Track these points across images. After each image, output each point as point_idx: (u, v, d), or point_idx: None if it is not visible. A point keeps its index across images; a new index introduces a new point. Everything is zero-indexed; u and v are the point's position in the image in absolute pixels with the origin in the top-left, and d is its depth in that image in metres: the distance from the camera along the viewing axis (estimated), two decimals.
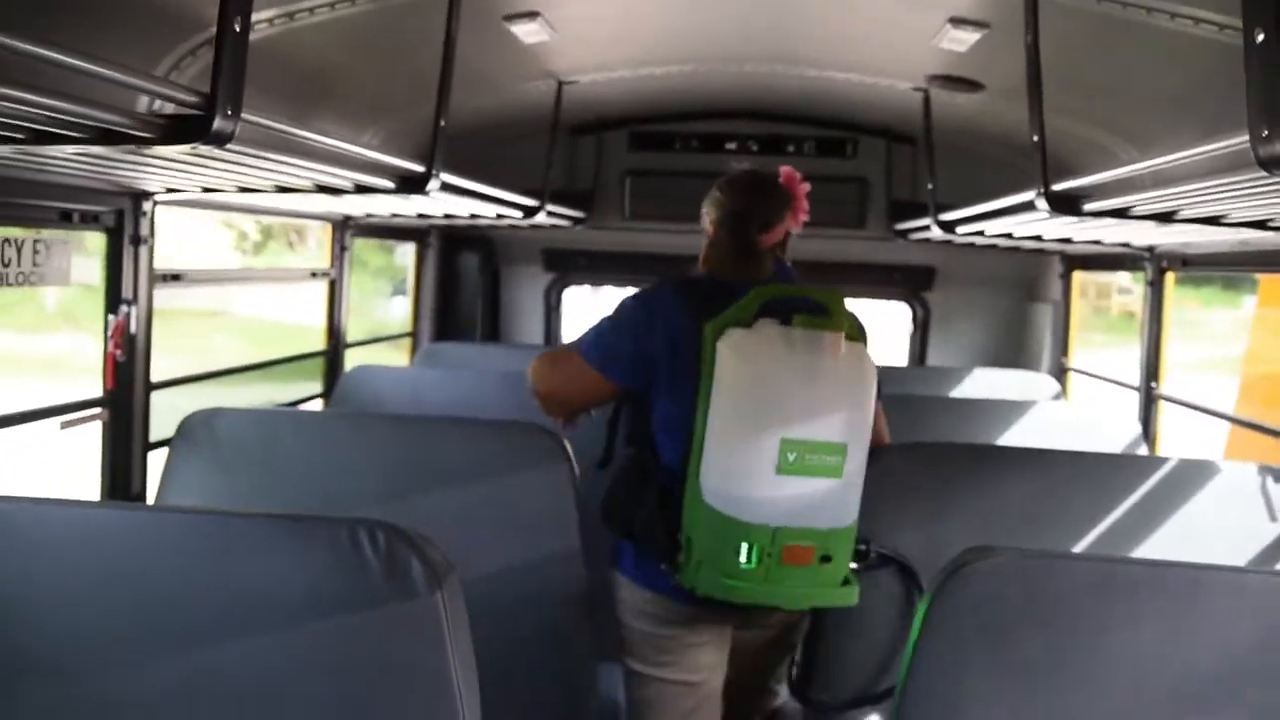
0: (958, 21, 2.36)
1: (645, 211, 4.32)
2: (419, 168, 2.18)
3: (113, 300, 2.23)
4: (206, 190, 2.22)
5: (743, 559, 1.90)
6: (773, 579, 1.91)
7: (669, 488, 2.00)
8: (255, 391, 3.20)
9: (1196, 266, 3.05)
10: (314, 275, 3.29)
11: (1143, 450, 2.97)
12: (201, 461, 2.25)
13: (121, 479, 2.30)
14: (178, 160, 1.72)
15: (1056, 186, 2.06)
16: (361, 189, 2.17)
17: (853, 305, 2.06)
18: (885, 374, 3.73)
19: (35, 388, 2.49)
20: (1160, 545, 2.11)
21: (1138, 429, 3.00)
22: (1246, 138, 1.24)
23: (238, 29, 1.29)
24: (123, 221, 2.22)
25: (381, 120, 3.04)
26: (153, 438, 2.41)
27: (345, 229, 3.41)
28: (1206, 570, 1.36)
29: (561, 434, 2.23)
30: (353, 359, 3.64)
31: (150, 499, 2.36)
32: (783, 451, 1.88)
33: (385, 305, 4.91)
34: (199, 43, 2.14)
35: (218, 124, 1.29)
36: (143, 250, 2.28)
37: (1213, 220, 1.89)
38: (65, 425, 2.11)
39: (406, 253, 4.35)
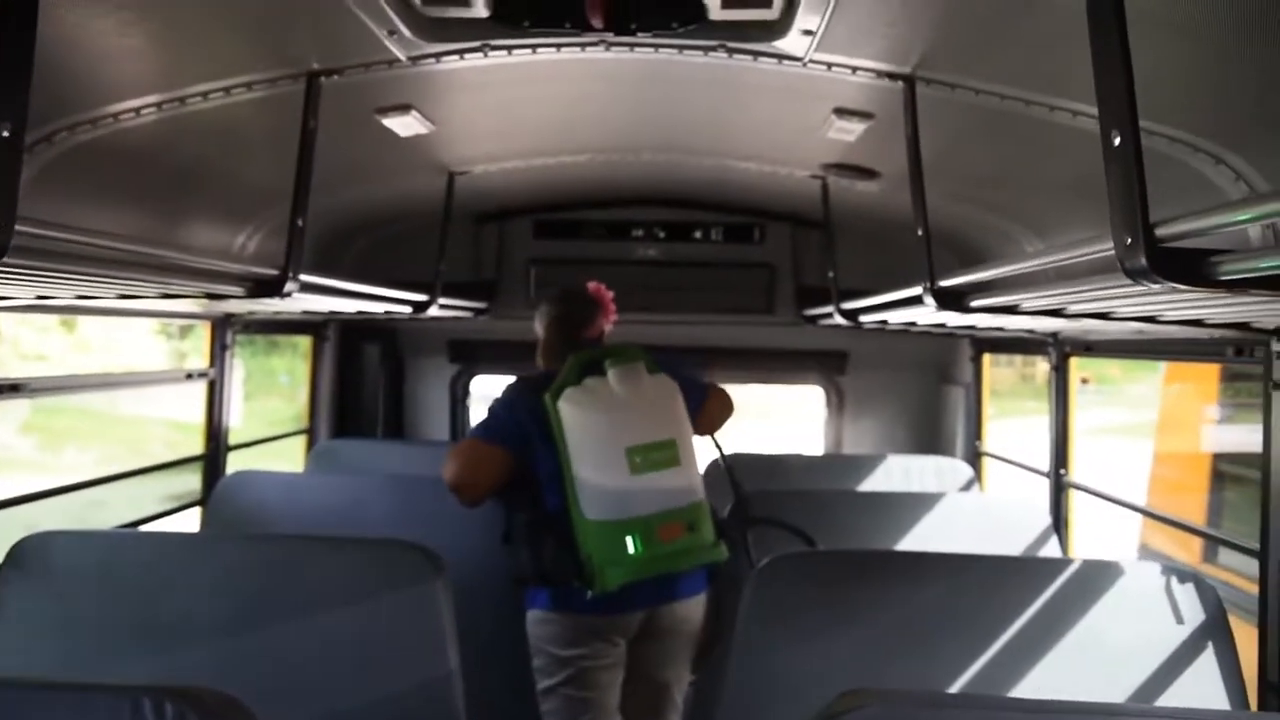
0: (842, 112, 2.32)
1: None
2: (274, 272, 2.03)
3: None
4: (42, 298, 2.05)
5: (630, 549, 2.44)
6: (659, 556, 2.46)
7: (560, 527, 2.51)
8: (126, 505, 2.98)
9: (1099, 353, 3.02)
10: (190, 376, 3.10)
11: (1053, 541, 2.89)
12: (35, 590, 2.04)
13: None
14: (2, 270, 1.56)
15: (944, 281, 2.00)
16: (211, 296, 2.02)
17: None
18: (796, 465, 3.70)
19: None
20: (1066, 652, 2.01)
21: (1048, 519, 2.93)
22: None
23: (5, 134, 1.15)
24: None
25: (262, 214, 2.90)
26: None
27: (227, 326, 3.23)
28: (1113, 714, 1.24)
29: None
30: (243, 459, 3.43)
31: None
32: (630, 458, 2.46)
33: (286, 400, 4.70)
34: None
35: None
36: None
37: (1101, 315, 1.83)
38: None
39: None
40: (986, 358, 3.91)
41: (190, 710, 1.15)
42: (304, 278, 2.11)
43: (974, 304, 1.95)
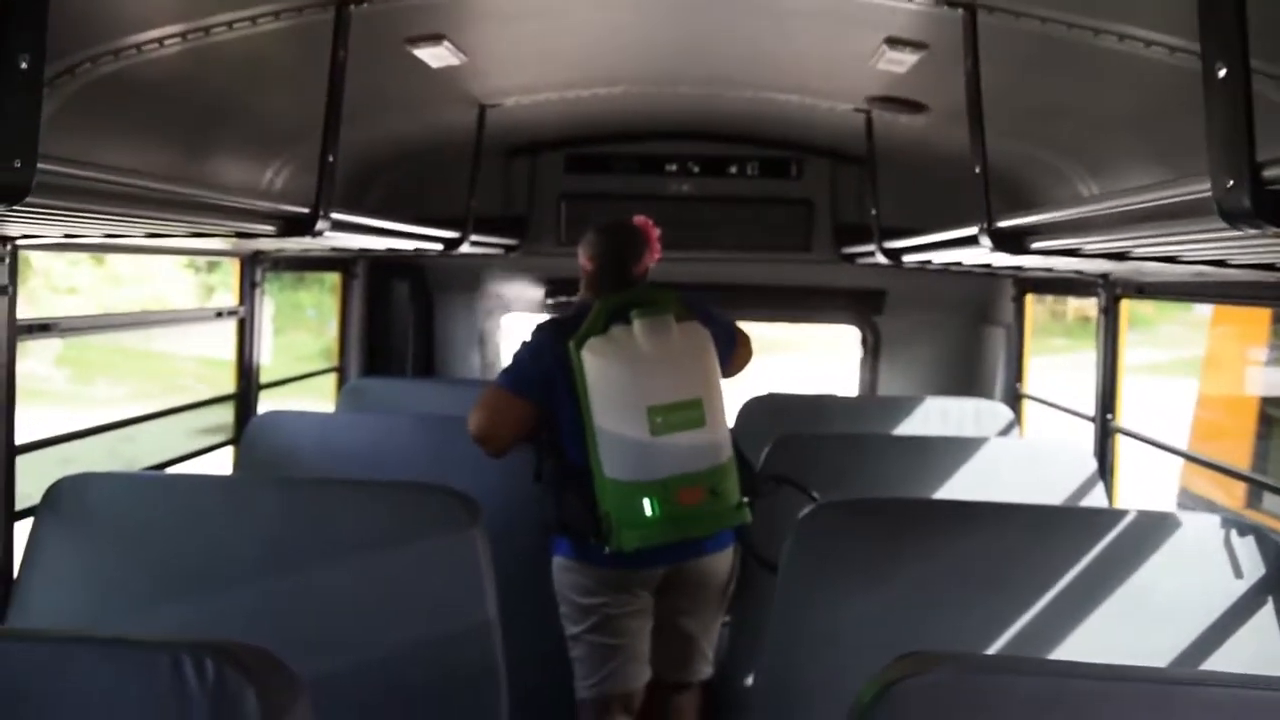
0: (894, 42, 2.20)
1: (582, 236, 4.12)
2: (304, 210, 1.97)
3: None
4: (70, 236, 2.00)
5: (647, 512, 2.36)
6: (677, 520, 2.38)
7: (581, 481, 2.44)
8: (159, 440, 2.97)
9: (1152, 295, 2.91)
10: (220, 315, 3.06)
11: (1099, 488, 2.83)
12: (69, 532, 2.03)
13: None
14: (28, 210, 1.51)
15: (1002, 222, 1.90)
16: (242, 235, 1.96)
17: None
18: (833, 406, 3.62)
19: None
20: (1119, 608, 1.95)
21: (1093, 464, 2.86)
22: (1206, 185, 1.08)
23: (25, 66, 1.08)
24: None
25: (291, 149, 2.83)
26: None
27: (256, 264, 3.18)
28: (1180, 682, 1.18)
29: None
30: (273, 398, 3.41)
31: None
32: (650, 418, 2.36)
33: (314, 335, 4.68)
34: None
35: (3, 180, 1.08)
36: (1, 301, 2.05)
37: (1168, 259, 1.74)
38: None
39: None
40: (1029, 298, 3.80)
41: (229, 667, 1.12)
42: (335, 215, 2.05)
43: (1034, 246, 1.86)
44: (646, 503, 2.36)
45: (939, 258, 2.75)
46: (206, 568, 2.00)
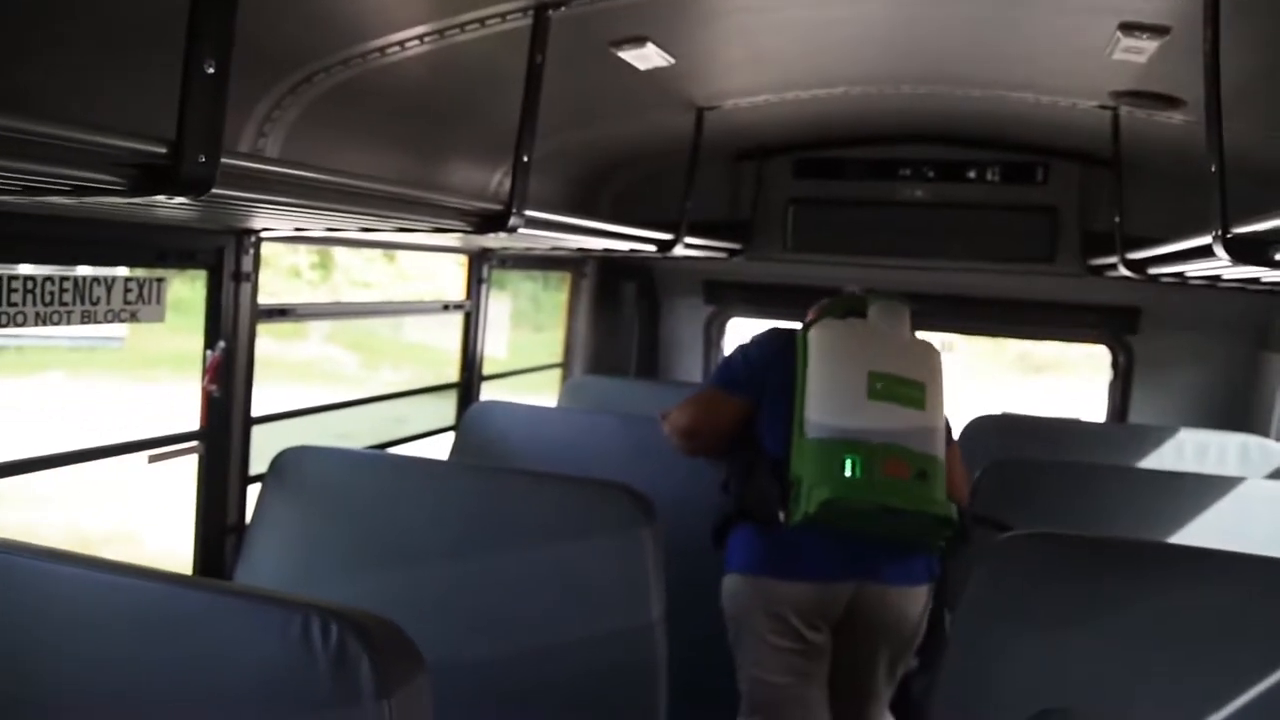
0: (1130, 28, 1.98)
1: (810, 243, 4.03)
2: (499, 207, 2.05)
3: (210, 337, 2.25)
4: (299, 230, 2.21)
5: (848, 472, 2.23)
6: (877, 487, 2.22)
7: (775, 465, 2.36)
8: (393, 420, 3.21)
9: None
10: (446, 308, 3.26)
11: None
12: (290, 500, 2.23)
13: (217, 511, 2.32)
14: (268, 202, 1.68)
15: (1240, 228, 1.65)
16: (440, 230, 2.08)
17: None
18: (1070, 431, 3.32)
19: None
20: None
21: None
22: None
23: (210, 71, 1.20)
24: (222, 259, 2.24)
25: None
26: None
27: (484, 261, 3.37)
28: None
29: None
30: (496, 389, 3.60)
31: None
32: (871, 381, 2.30)
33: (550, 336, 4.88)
34: (297, 81, 2.14)
35: (186, 172, 1.20)
36: (245, 287, 2.29)
37: None
38: (153, 460, 2.13)
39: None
40: None
41: (352, 634, 1.18)
42: (529, 213, 2.12)
43: (1279, 257, 1.60)
44: (848, 461, 2.24)
45: (1190, 270, 2.43)
46: (400, 542, 2.13)
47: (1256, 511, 2.50)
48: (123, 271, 2.05)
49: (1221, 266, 1.89)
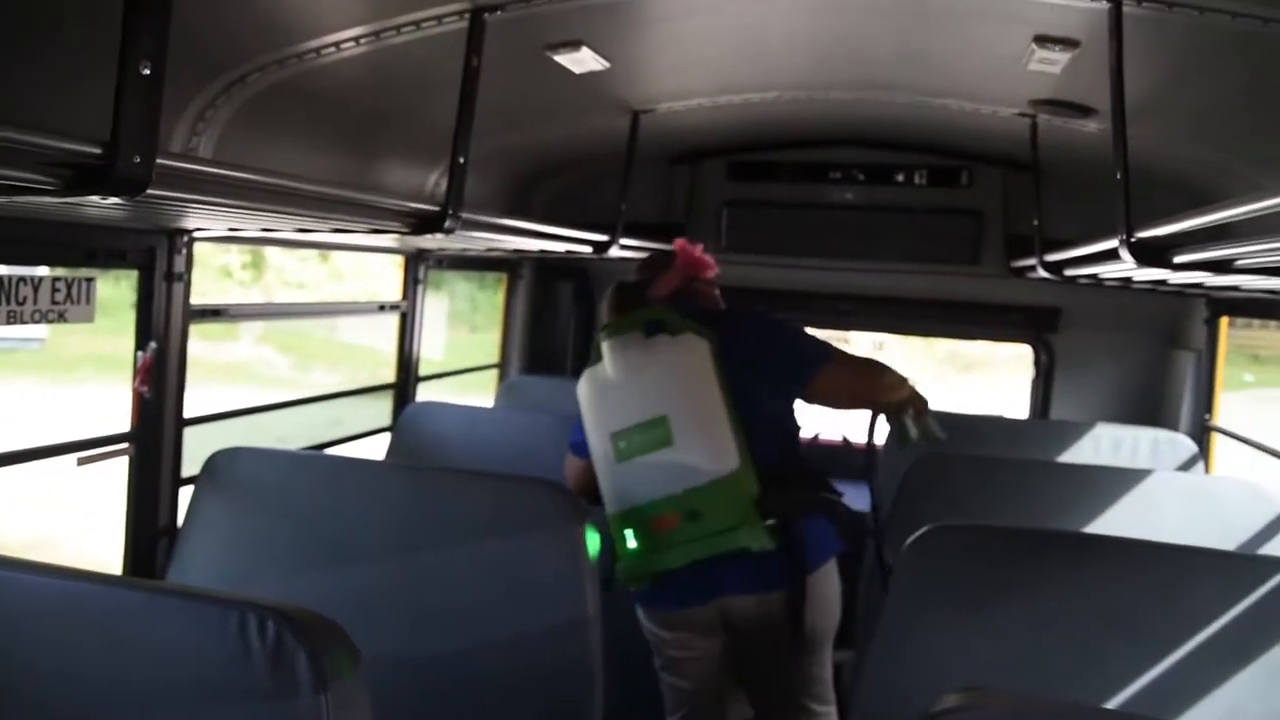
0: (1044, 40, 2.07)
1: (744, 244, 4.11)
2: (435, 208, 2.07)
3: (141, 337, 2.22)
4: (233, 230, 2.19)
5: (630, 544, 2.24)
6: (657, 548, 2.22)
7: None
8: (328, 421, 3.20)
9: None
10: (382, 308, 3.26)
11: None
12: (224, 500, 2.22)
13: (148, 513, 2.30)
14: (200, 202, 1.68)
15: (1143, 233, 1.75)
16: (376, 231, 2.09)
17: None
18: (994, 428, 3.43)
19: None
20: (1264, 670, 1.73)
21: (1277, 508, 2.56)
22: None
23: (145, 73, 1.20)
24: (154, 259, 2.21)
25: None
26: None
27: (421, 261, 3.37)
28: None
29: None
30: (433, 390, 3.60)
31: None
32: (614, 444, 2.25)
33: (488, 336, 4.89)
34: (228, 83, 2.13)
35: (120, 172, 1.20)
36: (177, 287, 2.27)
37: None
38: (82, 462, 2.10)
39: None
40: (1223, 321, 3.46)
41: (288, 630, 1.19)
42: (466, 215, 2.14)
43: (1177, 260, 1.69)
44: (629, 534, 2.24)
45: (1102, 272, 2.55)
46: (335, 541, 2.13)
47: (1164, 502, 2.62)
48: (47, 271, 2.02)
49: (1128, 269, 1.99)
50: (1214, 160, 2.61)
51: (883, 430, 2.69)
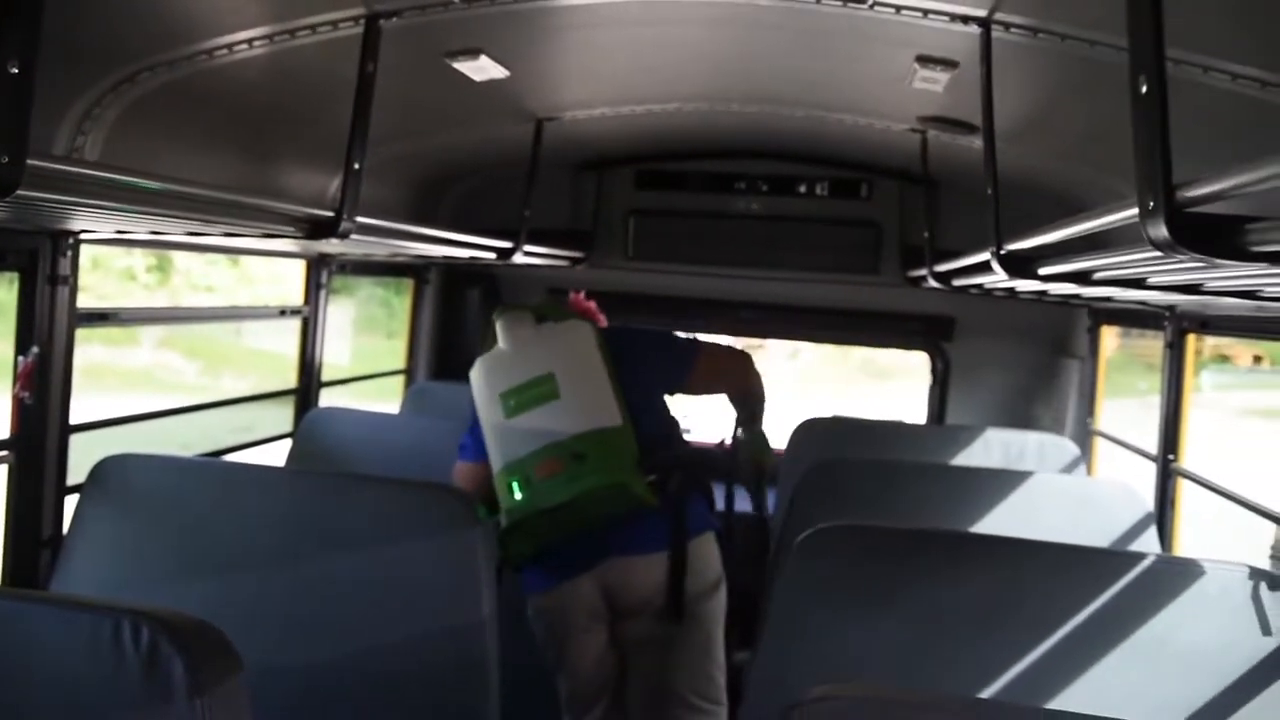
0: (925, 60, 2.16)
1: (650, 252, 4.17)
2: (329, 214, 2.06)
3: (22, 342, 2.16)
4: (120, 232, 2.15)
5: (516, 496, 2.31)
6: (539, 493, 2.29)
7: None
8: (230, 428, 3.14)
9: (1215, 330, 2.76)
10: (284, 313, 3.21)
11: (1151, 533, 2.68)
12: (112, 508, 2.16)
13: (29, 524, 2.23)
14: (83, 204, 1.64)
15: (1011, 245, 1.84)
16: (269, 235, 2.07)
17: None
18: (890, 433, 3.55)
19: None
20: (1131, 654, 1.85)
21: (1147, 508, 2.71)
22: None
23: (15, 72, 1.18)
24: (37, 261, 2.15)
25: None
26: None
27: (323, 266, 3.33)
28: None
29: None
30: (338, 396, 3.56)
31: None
32: (504, 402, 2.36)
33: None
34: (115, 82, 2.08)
35: None
36: (62, 290, 2.21)
37: (1135, 283, 1.65)
38: None
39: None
40: (1104, 330, 3.64)
41: (163, 635, 1.18)
42: (361, 220, 2.14)
43: (1041, 271, 1.79)
44: (514, 485, 2.31)
45: (987, 282, 2.66)
46: (228, 549, 2.10)
47: (1044, 503, 2.75)
48: None
49: (1001, 280, 2.09)
50: (1090, 177, 2.75)
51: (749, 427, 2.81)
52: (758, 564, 3.08)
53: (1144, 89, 0.96)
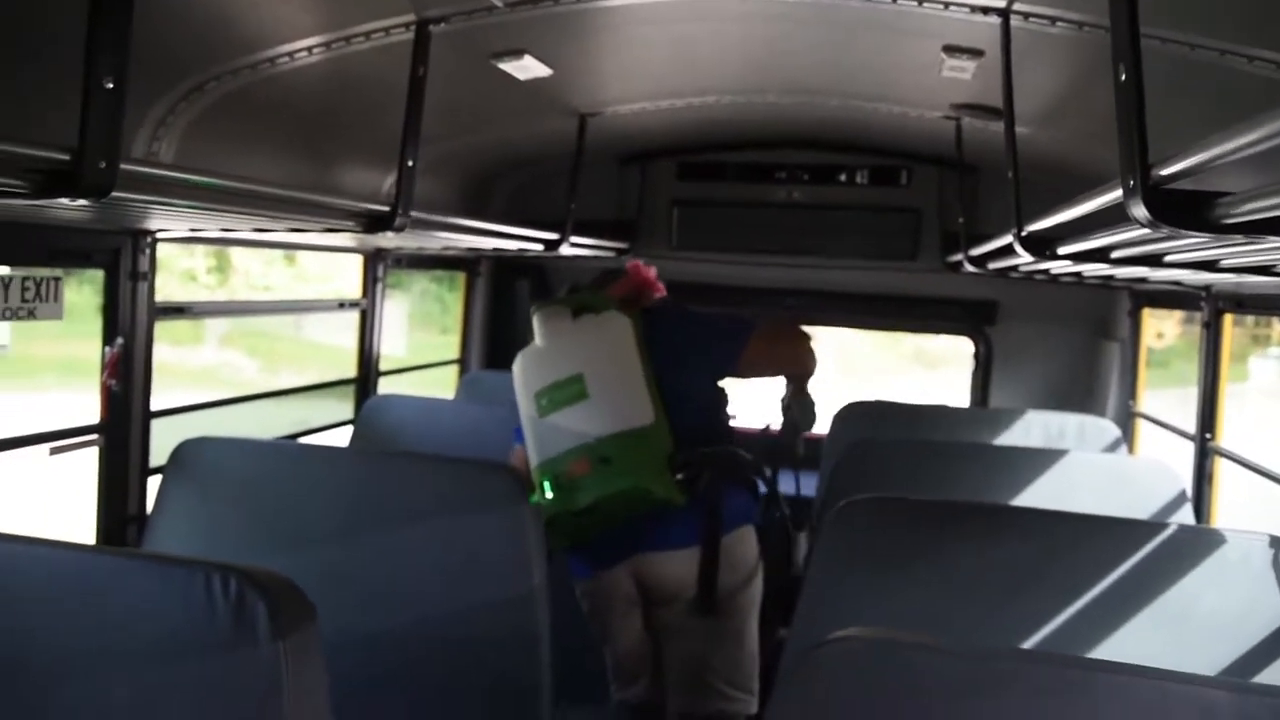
0: (952, 50, 2.24)
1: (693, 241, 4.27)
2: (385, 208, 2.20)
3: (108, 334, 2.34)
4: (194, 230, 2.31)
5: (548, 494, 2.38)
6: (568, 492, 2.36)
7: None
8: (292, 420, 3.31)
9: (1251, 309, 2.78)
10: (342, 306, 3.38)
11: (1186, 509, 2.72)
12: (191, 489, 2.33)
13: (117, 503, 2.41)
14: (162, 203, 1.79)
15: (1032, 225, 1.91)
16: (330, 230, 2.22)
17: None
18: (932, 416, 3.61)
19: None
20: (1153, 620, 1.91)
21: (1182, 486, 2.75)
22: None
23: (109, 86, 1.32)
24: (119, 258, 2.33)
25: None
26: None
27: (379, 260, 3.49)
28: (1103, 672, 1.21)
29: None
30: (394, 385, 3.72)
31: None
32: (537, 402, 2.43)
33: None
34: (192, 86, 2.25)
35: (87, 177, 1.33)
36: (142, 285, 2.39)
37: (1153, 260, 1.71)
38: (54, 452, 2.21)
39: None
40: (1145, 312, 3.66)
41: (249, 586, 1.32)
42: (415, 214, 2.27)
43: (1061, 251, 1.86)
44: (546, 485, 2.38)
45: (1018, 265, 2.72)
46: (296, 525, 2.25)
47: (1080, 479, 2.80)
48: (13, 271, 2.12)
49: (1024, 261, 2.16)
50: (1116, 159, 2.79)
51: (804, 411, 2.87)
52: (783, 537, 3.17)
53: (1123, 77, 1.04)
